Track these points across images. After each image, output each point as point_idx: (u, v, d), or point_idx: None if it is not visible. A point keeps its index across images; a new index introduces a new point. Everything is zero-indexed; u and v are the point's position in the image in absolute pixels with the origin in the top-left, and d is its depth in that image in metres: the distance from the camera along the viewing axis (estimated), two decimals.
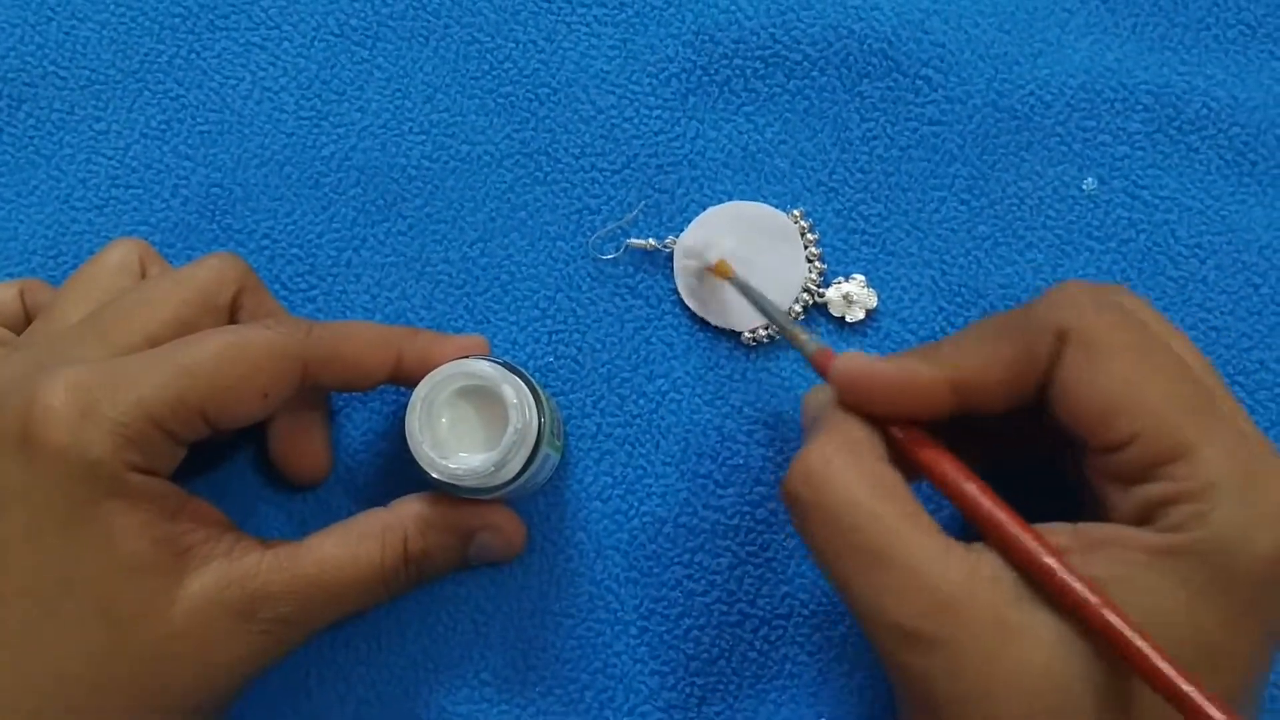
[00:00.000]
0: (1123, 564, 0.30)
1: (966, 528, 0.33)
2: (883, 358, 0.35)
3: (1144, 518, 0.31)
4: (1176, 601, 0.30)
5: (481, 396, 0.38)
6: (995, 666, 0.30)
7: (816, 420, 0.36)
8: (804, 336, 0.38)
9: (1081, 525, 0.32)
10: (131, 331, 0.37)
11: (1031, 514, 0.32)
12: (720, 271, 0.43)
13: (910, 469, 0.34)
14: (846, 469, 0.33)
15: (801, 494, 0.33)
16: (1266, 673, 0.32)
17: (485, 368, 0.38)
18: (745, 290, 0.42)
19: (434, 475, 0.37)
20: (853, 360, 0.35)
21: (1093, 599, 0.30)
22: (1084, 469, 0.34)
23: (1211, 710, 0.28)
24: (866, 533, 0.32)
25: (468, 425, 0.39)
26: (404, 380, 0.39)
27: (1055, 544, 0.31)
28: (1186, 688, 0.28)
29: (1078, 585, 0.30)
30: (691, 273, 0.45)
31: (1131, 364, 0.32)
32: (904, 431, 0.35)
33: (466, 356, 0.39)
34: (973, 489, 0.33)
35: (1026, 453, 0.38)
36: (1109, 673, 0.30)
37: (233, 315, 0.40)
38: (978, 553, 0.32)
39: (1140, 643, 0.29)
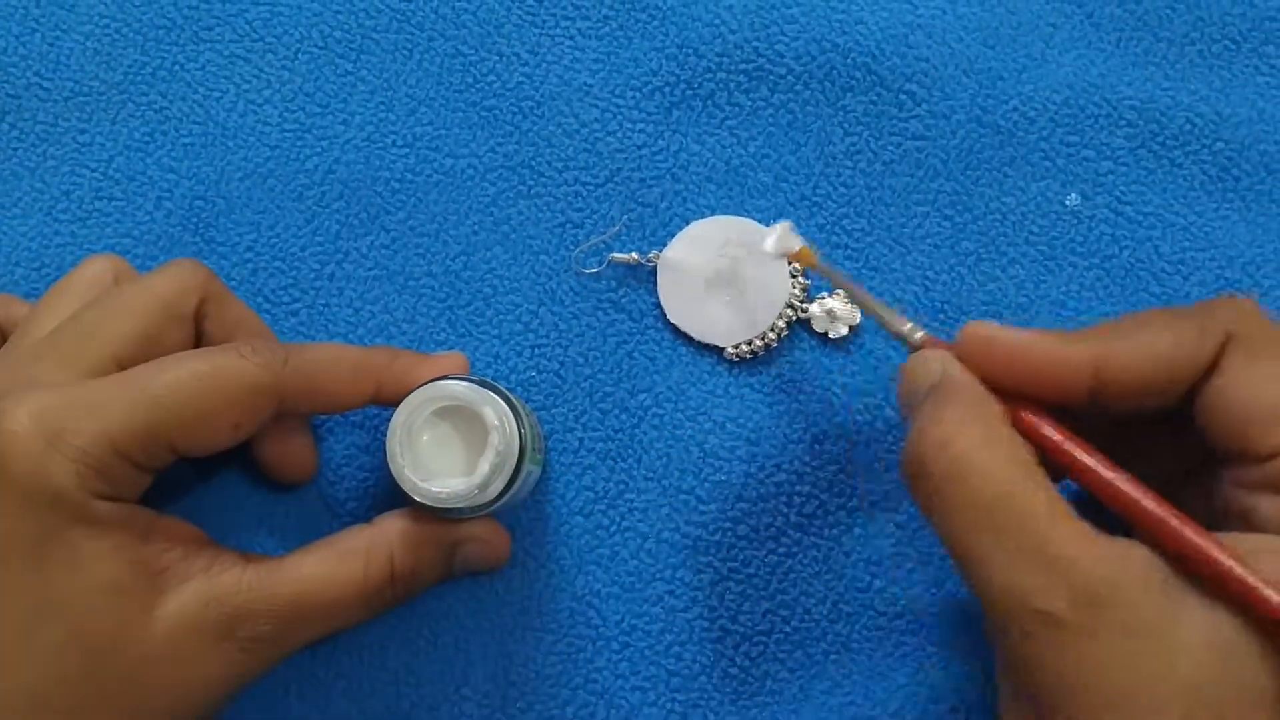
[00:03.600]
0: (1277, 572, 0.29)
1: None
2: (1016, 328, 0.34)
3: None
4: None
5: (462, 415, 0.38)
6: (1145, 665, 0.29)
7: (935, 390, 0.34)
8: (908, 328, 0.36)
9: (1227, 535, 0.31)
10: (96, 350, 0.37)
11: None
12: (804, 259, 0.40)
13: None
14: (986, 442, 0.32)
15: (935, 463, 0.32)
16: None
17: (463, 389, 0.37)
18: (837, 279, 0.39)
19: (416, 499, 0.37)
20: (983, 326, 0.34)
21: (1262, 584, 0.28)
22: (1224, 482, 0.32)
23: None
24: (1008, 511, 0.30)
25: (449, 445, 0.39)
26: (384, 403, 0.39)
27: (1221, 542, 0.30)
28: None
29: (1259, 584, 0.29)
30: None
31: None
32: (1036, 414, 0.33)
33: (444, 377, 0.38)
34: (1126, 479, 0.32)
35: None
36: (1264, 674, 0.29)
37: (198, 323, 0.40)
38: (1125, 544, 0.30)
39: None
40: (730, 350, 0.44)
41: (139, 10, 0.48)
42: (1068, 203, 0.45)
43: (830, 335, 0.44)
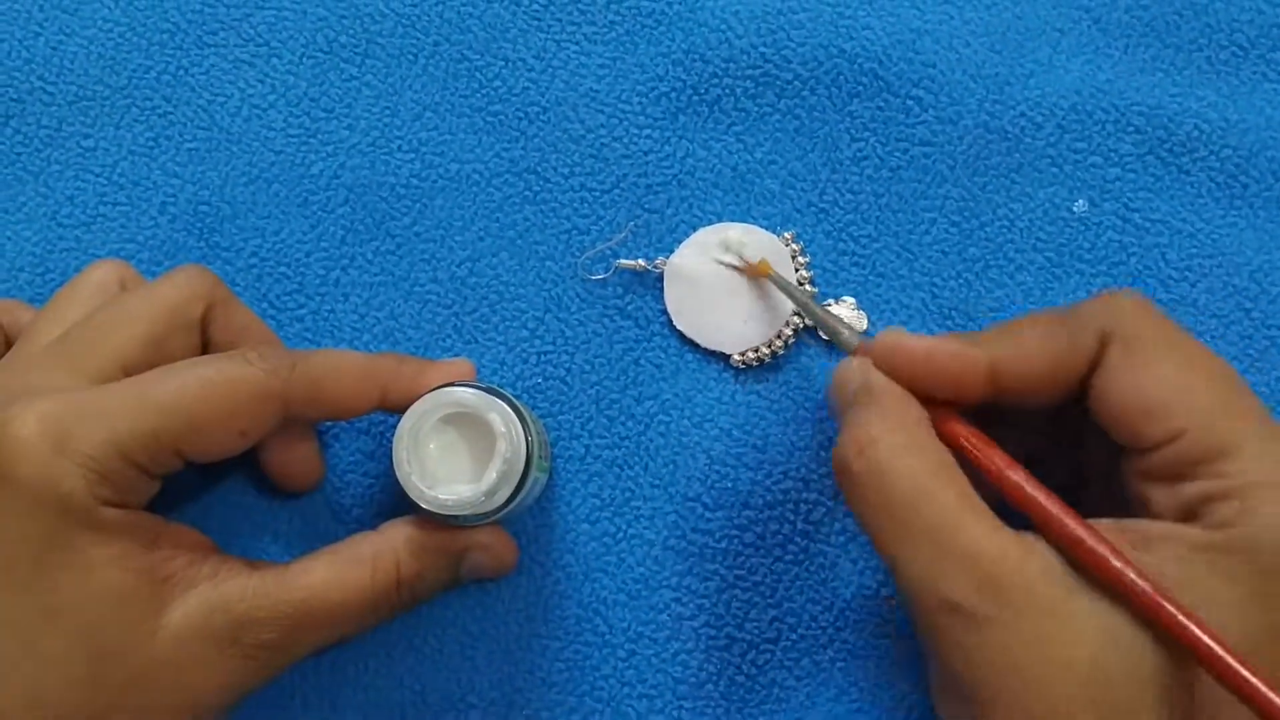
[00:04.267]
0: (1171, 560, 0.31)
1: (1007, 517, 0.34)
2: (923, 335, 0.36)
3: (1189, 515, 0.32)
4: (1224, 597, 0.30)
5: (468, 422, 0.38)
6: (1045, 650, 0.30)
7: (860, 393, 0.36)
8: (845, 332, 0.39)
9: (1126, 521, 0.32)
10: (103, 356, 0.37)
11: None
12: (759, 270, 0.43)
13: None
14: (904, 444, 0.34)
15: (857, 466, 0.34)
16: None
17: (469, 396, 0.37)
18: (785, 288, 0.42)
19: (423, 506, 0.37)
20: (892, 333, 0.36)
21: (1150, 589, 0.30)
22: (1121, 472, 0.34)
23: (1275, 698, 0.28)
24: (923, 509, 0.32)
25: (455, 452, 0.38)
26: (390, 410, 0.39)
27: (1106, 536, 0.31)
28: (1251, 677, 0.29)
29: (1132, 573, 0.30)
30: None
31: (1174, 363, 0.33)
32: (948, 418, 0.35)
33: (451, 384, 0.38)
34: (1024, 477, 0.33)
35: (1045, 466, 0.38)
36: (1157, 665, 0.30)
37: (204, 329, 0.40)
38: (1029, 539, 0.32)
39: (1199, 632, 0.29)
40: (737, 357, 0.44)
41: (143, 15, 0.48)
42: (1075, 209, 0.45)
43: None
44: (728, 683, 0.42)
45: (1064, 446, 0.38)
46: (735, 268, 0.44)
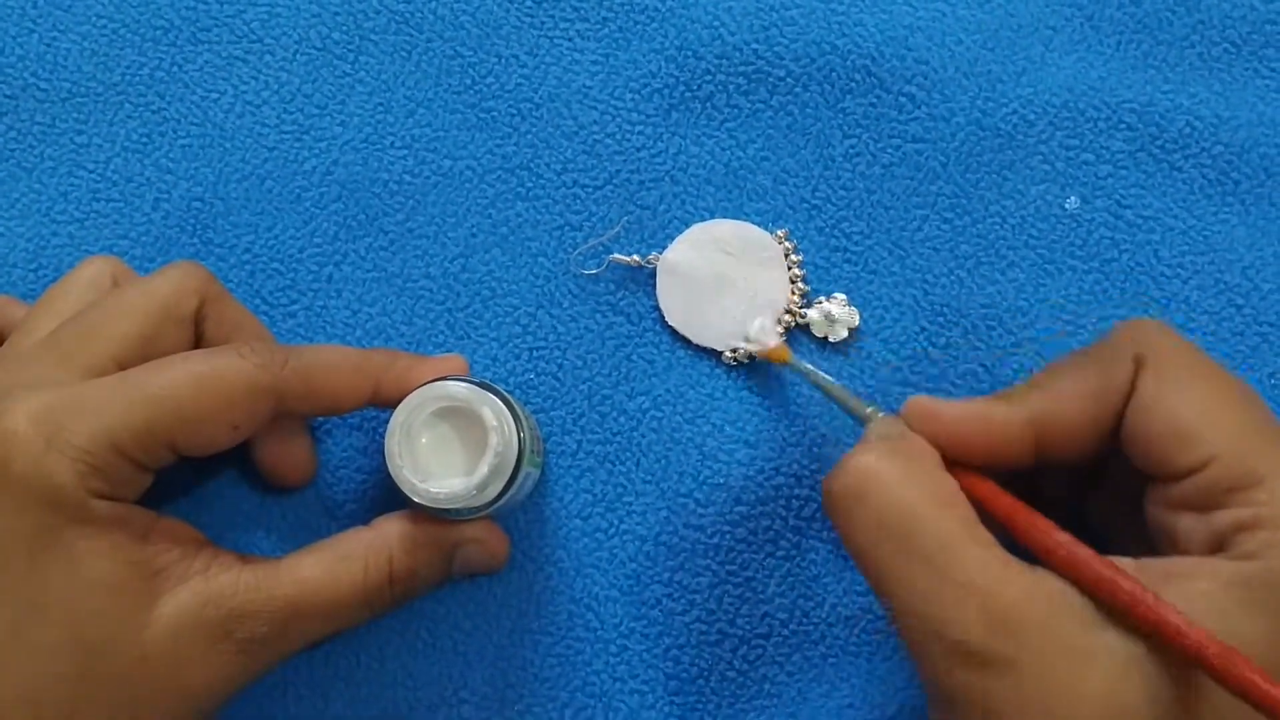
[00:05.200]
0: (1196, 595, 0.30)
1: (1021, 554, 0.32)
2: (955, 400, 0.35)
3: (1218, 545, 0.31)
4: (1254, 630, 0.29)
5: (460, 416, 0.38)
6: (1058, 689, 0.29)
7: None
8: (869, 411, 0.37)
9: (1145, 560, 0.31)
10: (95, 351, 0.37)
11: None
12: (778, 357, 0.43)
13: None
14: (900, 470, 0.32)
15: (849, 491, 0.32)
16: None
17: (462, 389, 0.37)
18: (808, 374, 0.41)
19: (415, 500, 0.37)
20: (922, 399, 0.35)
21: (1185, 622, 0.29)
22: (1150, 503, 0.33)
23: None
24: (922, 539, 0.31)
25: (448, 446, 0.39)
26: (382, 405, 0.39)
27: (1131, 576, 0.30)
28: None
29: (1167, 610, 0.29)
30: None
31: (1206, 390, 0.32)
32: (959, 469, 0.34)
33: (444, 378, 0.38)
34: (1038, 517, 0.32)
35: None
36: (1175, 700, 0.29)
37: (198, 325, 0.40)
38: (1038, 572, 0.31)
39: (1238, 662, 0.28)
40: (729, 354, 0.44)
41: (136, 11, 0.48)
42: (1067, 206, 0.45)
43: (829, 339, 0.44)
44: (719, 678, 0.42)
45: (1089, 486, 0.37)
46: (752, 355, 0.44)
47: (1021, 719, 0.29)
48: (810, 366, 0.41)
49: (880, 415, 0.37)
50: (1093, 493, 0.38)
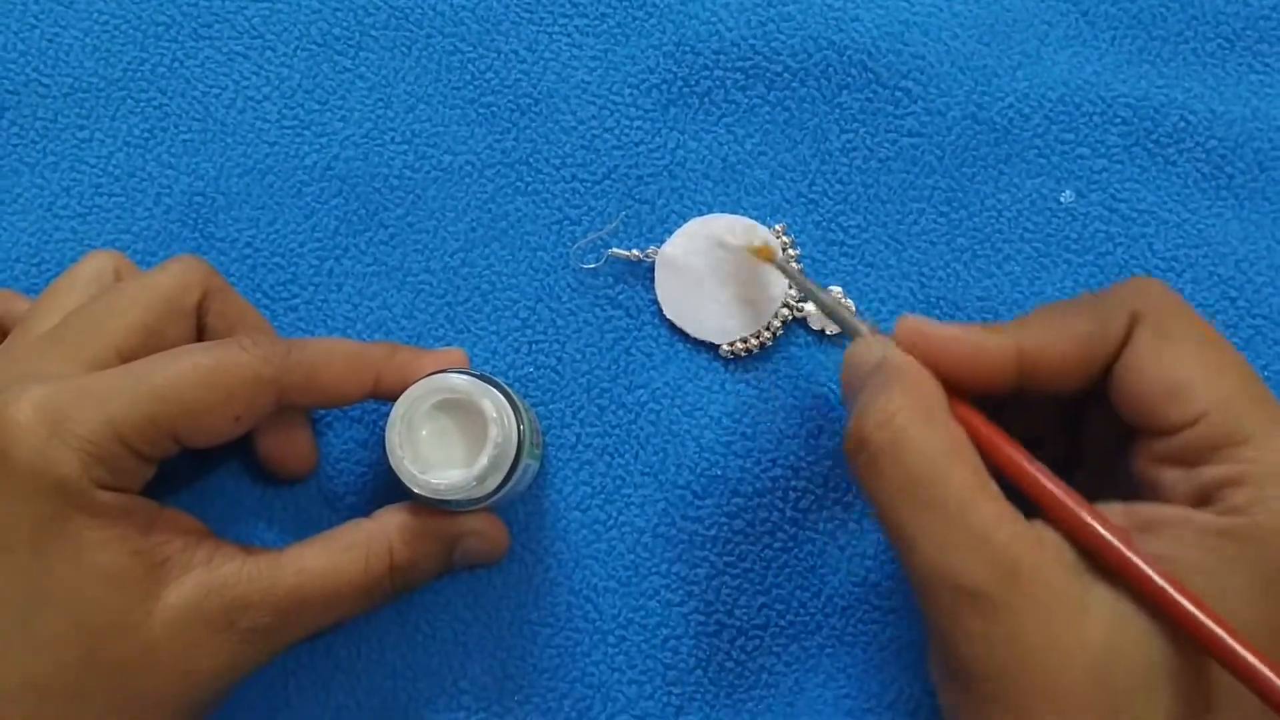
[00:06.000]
0: (1182, 544, 0.31)
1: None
2: (945, 323, 0.35)
3: (1202, 500, 0.32)
4: (1237, 584, 0.30)
5: (461, 409, 0.38)
6: (1055, 638, 0.30)
7: (877, 371, 0.35)
8: (860, 323, 0.38)
9: (1136, 505, 0.32)
10: (99, 344, 0.37)
11: None
12: (764, 255, 0.43)
13: None
14: (924, 422, 0.33)
15: (875, 440, 0.33)
16: None
17: (462, 382, 0.38)
18: (794, 277, 0.42)
19: (415, 491, 0.38)
20: (914, 319, 0.35)
21: (1158, 577, 0.30)
22: (1137, 456, 0.34)
23: None
24: (940, 489, 0.32)
25: (448, 438, 0.39)
26: (383, 397, 0.40)
27: (1114, 524, 0.31)
28: (1257, 663, 0.29)
29: (1142, 563, 0.30)
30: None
31: (1199, 349, 0.33)
32: (959, 404, 0.35)
33: (444, 370, 0.39)
34: (1034, 467, 0.33)
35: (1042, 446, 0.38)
36: (1167, 652, 0.30)
37: (200, 319, 0.40)
38: (1039, 526, 0.32)
39: (1207, 620, 0.29)
40: (726, 347, 0.45)
41: (138, 7, 0.49)
42: (1062, 200, 0.46)
43: (826, 332, 0.45)
44: (717, 669, 0.43)
45: (1062, 428, 0.38)
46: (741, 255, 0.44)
47: (1020, 663, 0.30)
48: (798, 269, 0.42)
49: (867, 330, 0.37)
50: (1055, 436, 0.38)
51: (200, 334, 0.41)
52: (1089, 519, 0.31)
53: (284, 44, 0.48)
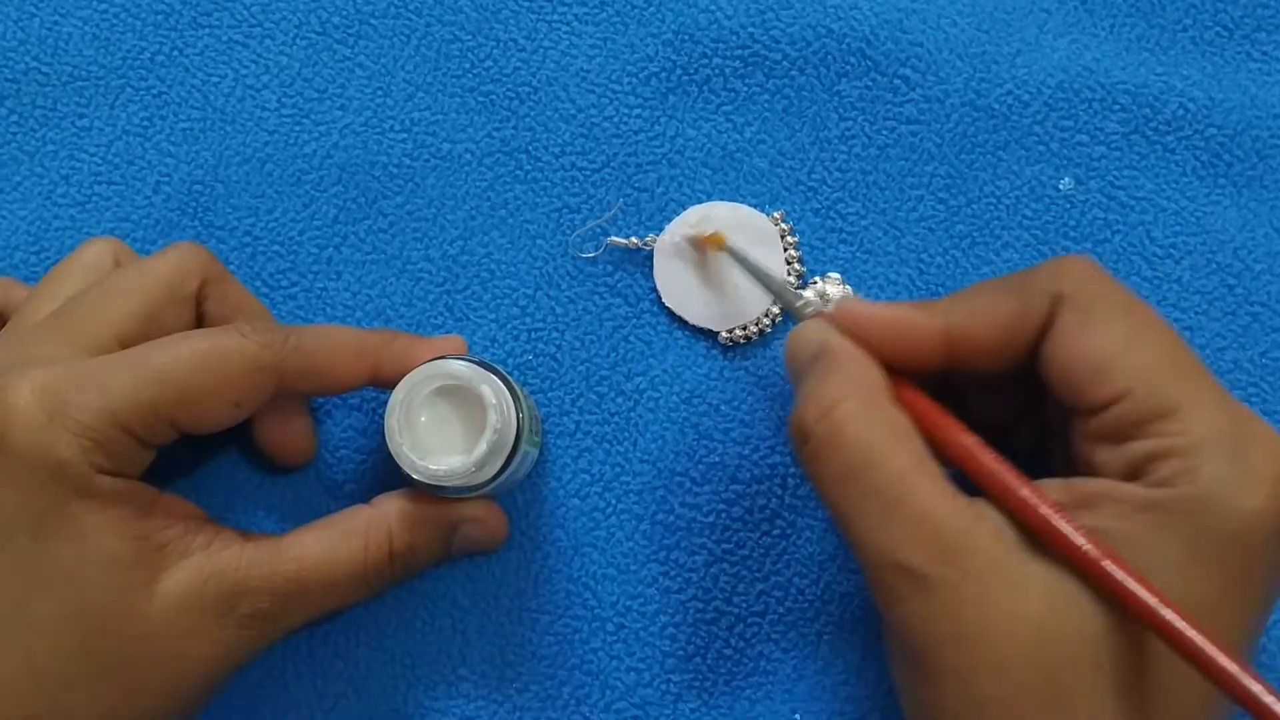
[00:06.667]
0: (1115, 517, 0.31)
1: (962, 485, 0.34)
2: (880, 303, 0.36)
3: (1133, 475, 0.32)
4: (1167, 555, 0.31)
5: (460, 395, 0.38)
6: (994, 611, 0.31)
7: (817, 357, 0.36)
8: (800, 303, 0.39)
9: (1073, 480, 0.33)
10: (98, 330, 0.37)
11: None
12: (714, 241, 0.44)
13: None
14: (862, 409, 0.33)
15: (815, 430, 0.33)
16: (1259, 631, 0.32)
17: (462, 368, 0.38)
18: (742, 259, 0.42)
19: (414, 476, 0.38)
20: (852, 302, 0.36)
21: (1091, 548, 0.30)
22: (1071, 435, 0.34)
23: (1217, 655, 0.28)
24: (878, 474, 0.32)
25: (447, 425, 0.39)
26: (382, 384, 0.40)
27: (1051, 499, 0.32)
28: (1191, 633, 0.29)
29: (1076, 536, 0.31)
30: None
31: (1124, 325, 0.33)
32: (902, 385, 0.35)
33: (443, 357, 0.39)
34: (973, 442, 0.34)
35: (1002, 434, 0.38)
36: (1105, 626, 0.31)
37: (199, 305, 0.40)
38: (979, 504, 0.32)
39: (1141, 590, 0.30)
40: (725, 335, 0.45)
41: None
42: (1061, 187, 0.46)
43: None
44: (715, 656, 0.43)
45: (1028, 412, 0.38)
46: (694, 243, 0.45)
47: (961, 637, 0.31)
48: (745, 251, 0.42)
49: (809, 310, 0.38)
50: (1024, 420, 0.38)
51: (199, 321, 0.41)
52: (1025, 494, 0.32)
53: (283, 32, 0.48)
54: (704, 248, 0.44)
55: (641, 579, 0.43)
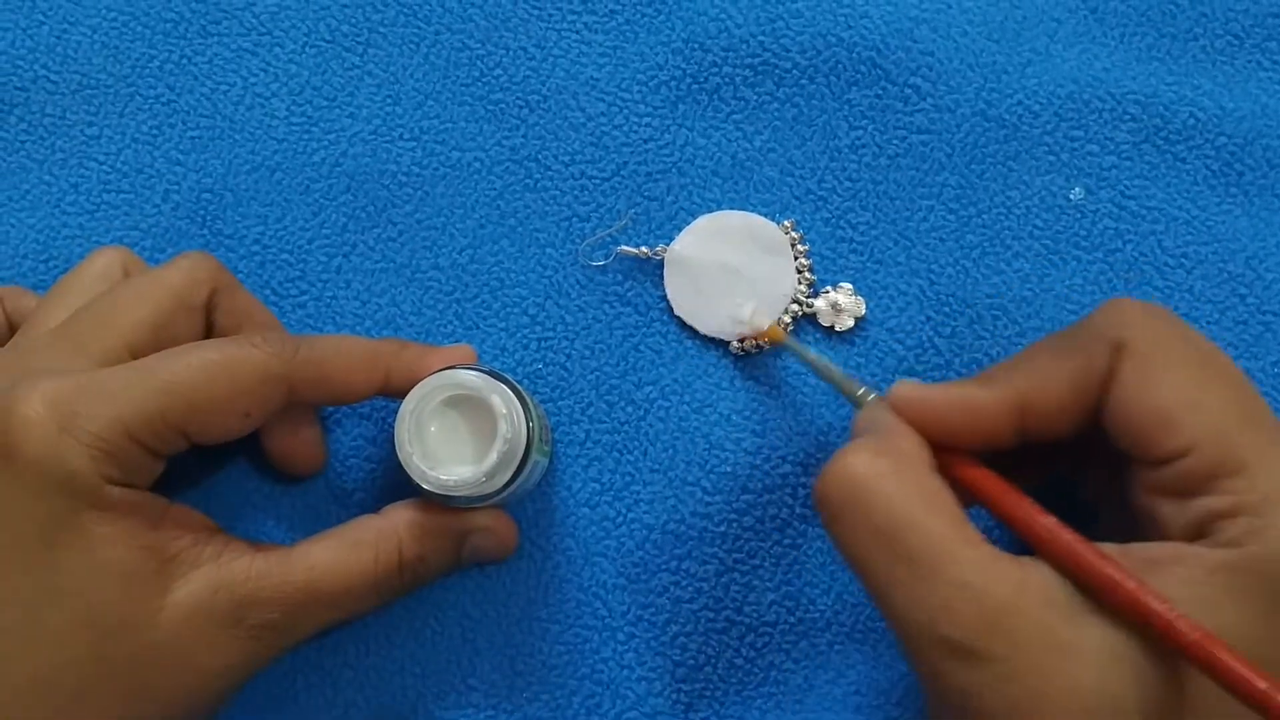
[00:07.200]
0: (1180, 582, 0.30)
1: (1010, 546, 0.33)
2: (939, 384, 0.35)
3: (1199, 532, 0.31)
4: (1236, 618, 0.30)
5: (470, 405, 0.38)
6: (1048, 684, 0.29)
7: (863, 433, 0.35)
8: (860, 391, 0.37)
9: (1130, 545, 0.31)
10: (108, 339, 0.37)
11: None
12: (774, 337, 0.43)
13: (958, 493, 0.33)
14: (890, 473, 0.32)
15: (837, 495, 0.32)
16: None
17: (472, 378, 0.38)
18: (802, 354, 0.41)
19: (424, 487, 0.37)
20: (907, 385, 0.35)
21: (1165, 608, 0.29)
22: (1134, 487, 0.33)
23: None
24: (910, 541, 0.31)
25: (457, 434, 0.39)
26: (392, 394, 0.40)
27: (1123, 568, 0.31)
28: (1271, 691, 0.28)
29: (1157, 603, 0.29)
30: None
31: (1188, 375, 0.32)
32: (950, 454, 0.34)
33: (453, 367, 0.39)
34: (1026, 503, 0.32)
35: (1053, 482, 0.38)
36: (1162, 687, 0.30)
37: (209, 315, 0.40)
38: (1026, 565, 0.31)
39: (1220, 650, 0.28)
40: (736, 344, 0.45)
41: (146, 4, 0.49)
42: (1072, 197, 0.46)
43: (836, 328, 0.44)
44: (726, 665, 0.43)
45: (1073, 471, 0.38)
46: (754, 344, 0.44)
47: (1012, 711, 0.30)
48: (803, 347, 0.41)
49: (870, 398, 0.37)
50: (1086, 468, 0.38)
51: (209, 330, 0.41)
52: (1088, 554, 0.31)
53: (292, 41, 0.48)
54: (762, 341, 0.44)
55: (652, 588, 0.43)
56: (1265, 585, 0.30)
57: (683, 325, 0.45)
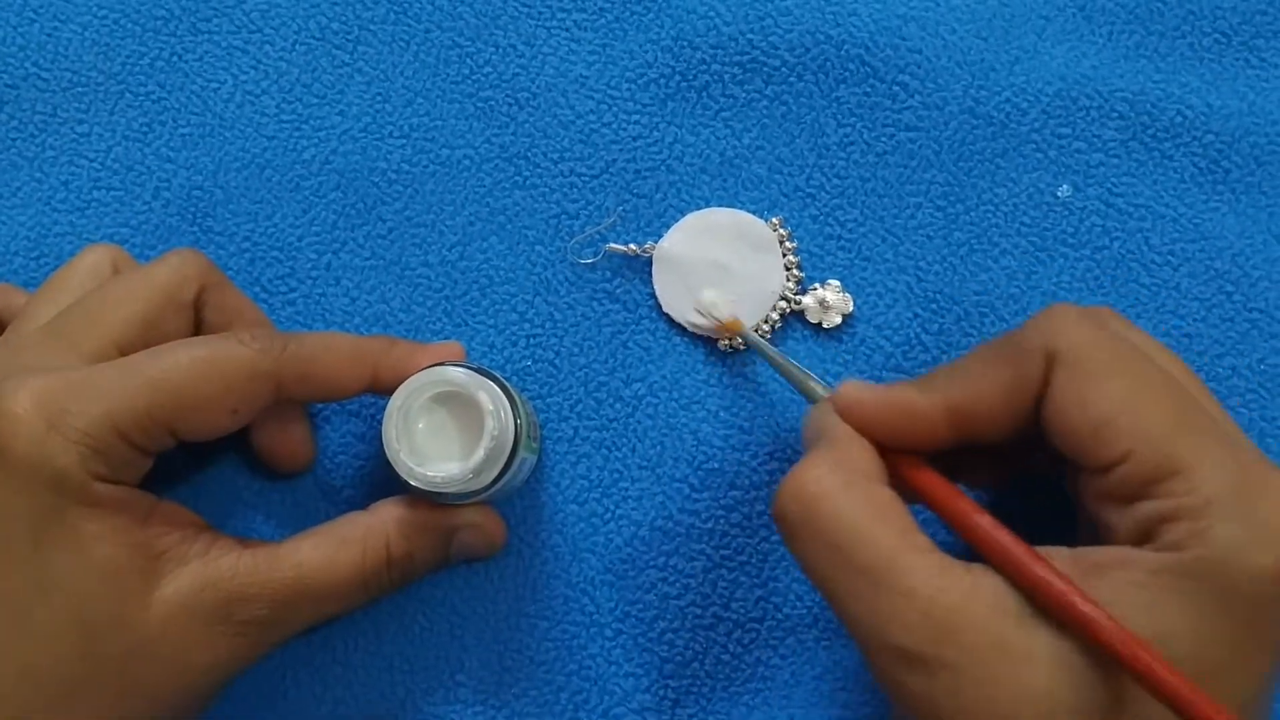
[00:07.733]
0: (1124, 585, 0.30)
1: (965, 553, 0.33)
2: (882, 385, 0.35)
3: (1143, 537, 0.31)
4: (1180, 621, 0.30)
5: (457, 402, 0.39)
6: (997, 689, 0.30)
7: (815, 440, 0.35)
8: (815, 385, 0.38)
9: (1079, 549, 0.32)
10: (97, 337, 0.37)
11: (1031, 537, 0.32)
12: (731, 328, 0.43)
13: (908, 494, 0.34)
14: (839, 488, 0.33)
15: (791, 512, 0.33)
16: (1272, 690, 0.31)
17: (459, 375, 0.38)
18: (757, 345, 0.42)
19: (412, 483, 0.38)
20: (851, 386, 0.35)
21: (1101, 618, 0.29)
22: (1082, 492, 0.33)
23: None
24: (861, 553, 0.31)
25: (444, 431, 0.39)
26: (380, 391, 0.40)
27: (1060, 571, 0.31)
28: (1202, 704, 0.28)
29: (1086, 606, 0.30)
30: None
31: (1121, 382, 0.32)
32: (900, 456, 0.35)
33: (441, 363, 0.39)
34: (972, 510, 0.33)
35: (1028, 475, 0.38)
36: (1109, 694, 0.30)
37: (198, 312, 0.40)
38: (976, 572, 0.31)
39: (1153, 661, 0.29)
40: (724, 342, 0.45)
41: (137, 1, 0.49)
42: (1059, 194, 0.46)
43: (824, 325, 0.45)
44: (714, 661, 0.43)
45: (1039, 470, 0.38)
46: (711, 330, 0.45)
47: (949, 712, 0.30)
48: (760, 340, 0.42)
49: (821, 389, 0.38)
50: (1062, 464, 0.38)
51: (198, 327, 0.41)
52: (1026, 560, 0.31)
53: (282, 38, 0.48)
54: (722, 332, 0.44)
55: (639, 584, 0.43)
56: (1208, 587, 0.30)
57: (671, 322, 0.45)
